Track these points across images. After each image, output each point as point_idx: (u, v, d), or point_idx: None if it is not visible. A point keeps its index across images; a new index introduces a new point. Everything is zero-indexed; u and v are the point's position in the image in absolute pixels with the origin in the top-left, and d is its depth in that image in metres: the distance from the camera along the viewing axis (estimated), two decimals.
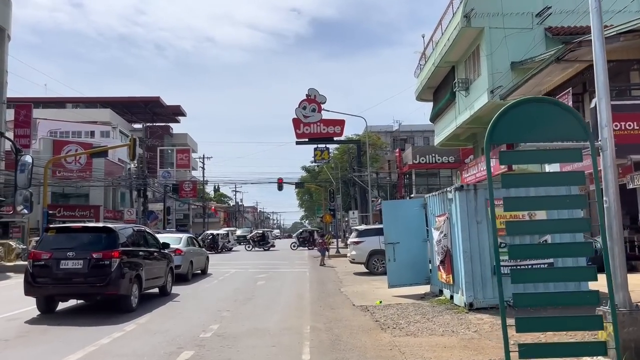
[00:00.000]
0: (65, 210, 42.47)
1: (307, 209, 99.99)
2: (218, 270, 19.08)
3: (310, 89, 42.99)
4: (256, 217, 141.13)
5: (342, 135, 43.55)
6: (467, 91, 24.29)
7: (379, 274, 16.96)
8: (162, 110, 75.54)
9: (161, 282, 11.29)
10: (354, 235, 18.07)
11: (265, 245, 38.75)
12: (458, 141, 30.75)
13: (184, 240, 15.35)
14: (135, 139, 24.49)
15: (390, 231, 11.95)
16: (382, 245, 17.30)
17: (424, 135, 73.26)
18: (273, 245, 39.94)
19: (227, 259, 27.76)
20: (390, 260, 11.89)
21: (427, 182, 46.03)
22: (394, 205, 12.55)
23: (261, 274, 17.55)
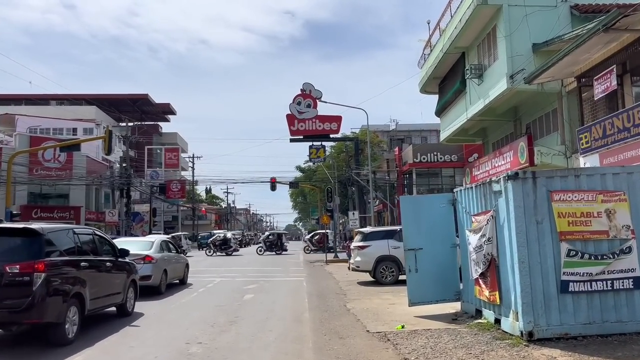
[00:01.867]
0: (43, 212, 39.73)
1: (301, 210, 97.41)
2: (200, 279, 16.53)
3: (305, 84, 40.44)
4: (249, 220, 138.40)
5: (338, 132, 41.13)
6: (480, 78, 21.88)
7: (388, 284, 14.52)
8: (151, 108, 72.90)
9: (118, 299, 8.76)
10: (358, 239, 15.58)
11: (227, 250, 34.70)
12: (466, 136, 28.34)
13: (156, 244, 12.83)
14: (110, 131, 21.92)
15: (411, 234, 9.49)
16: (391, 250, 14.91)
17: (421, 134, 71.05)
18: (236, 249, 35.97)
19: (215, 264, 25.18)
20: (411, 270, 9.41)
21: (428, 182, 43.63)
22: (415, 201, 10.07)
23: (250, 284, 15.02)
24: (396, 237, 15.09)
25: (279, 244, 34.98)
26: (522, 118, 22.91)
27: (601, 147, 13.93)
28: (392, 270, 14.79)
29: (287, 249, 35.77)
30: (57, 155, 40.84)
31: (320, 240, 35.87)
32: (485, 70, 21.60)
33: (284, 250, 35.11)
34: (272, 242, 35.24)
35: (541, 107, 20.59)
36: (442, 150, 43.57)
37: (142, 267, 11.81)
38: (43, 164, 39.75)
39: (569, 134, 18.85)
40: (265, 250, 34.51)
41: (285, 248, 35.76)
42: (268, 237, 36.42)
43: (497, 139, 26.41)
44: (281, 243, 35.06)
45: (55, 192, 41.75)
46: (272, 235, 36.44)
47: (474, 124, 25.91)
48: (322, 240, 35.70)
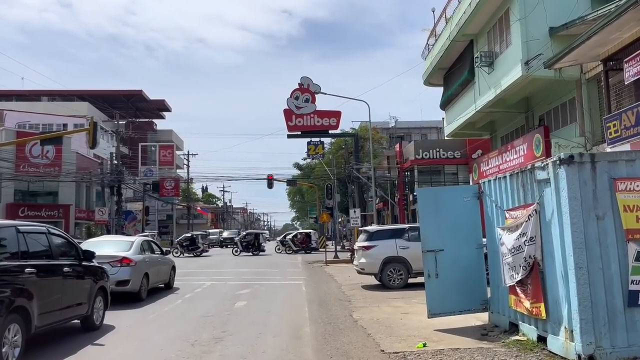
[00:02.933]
0: (30, 210, 38.19)
1: (299, 209, 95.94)
2: (189, 282, 15.07)
3: (303, 78, 38.91)
4: (246, 219, 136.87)
5: (337, 128, 39.63)
6: (491, 67, 20.47)
7: (396, 288, 13.10)
8: (145, 105, 71.40)
9: (82, 310, 7.31)
10: (362, 239, 14.13)
11: (195, 250, 32.62)
12: (473, 130, 26.97)
13: (135, 245, 11.28)
14: (95, 122, 20.44)
15: (430, 233, 8.05)
16: (399, 250, 13.48)
17: (421, 132, 69.73)
18: (206, 250, 33.97)
19: (205, 265, 23.73)
20: (430, 276, 7.98)
21: (430, 180, 42.18)
22: (434, 195, 8.59)
23: (243, 288, 13.56)
24: (404, 236, 13.70)
25: (256, 244, 32.96)
26: (535, 109, 21.52)
27: (634, 136, 12.52)
28: (400, 273, 13.37)
29: (264, 250, 33.83)
30: (45, 152, 39.34)
31: (303, 241, 34.16)
32: (496, 57, 20.18)
33: (262, 250, 33.22)
34: (248, 242, 33.19)
35: (557, 96, 19.20)
36: (445, 146, 42.10)
37: (119, 270, 10.37)
38: (30, 160, 38.20)
39: (589, 124, 17.48)
40: (242, 251, 32.58)
41: (263, 249, 33.77)
42: (245, 237, 34.18)
43: (507, 133, 25.03)
44: (258, 243, 33.08)
45: (44, 189, 40.22)
46: (249, 235, 34.26)
47: (482, 117, 24.53)
48: (304, 241, 34.04)
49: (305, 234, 35.16)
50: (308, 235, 34.81)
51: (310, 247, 33.85)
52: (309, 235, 34.78)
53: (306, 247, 33.78)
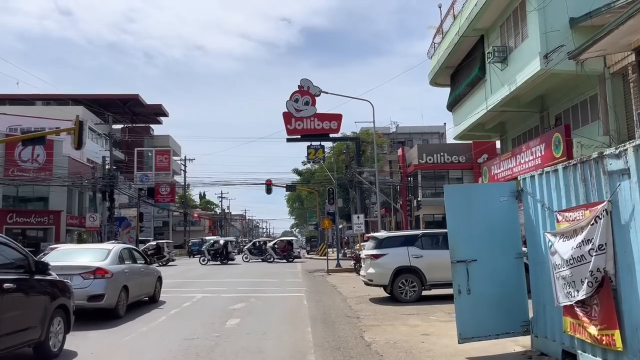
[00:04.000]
0: (19, 216, 36.75)
1: (298, 216, 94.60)
2: (178, 295, 13.65)
3: (303, 80, 37.62)
4: (244, 226, 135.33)
5: (338, 131, 38.22)
6: (504, 62, 19.16)
7: (409, 301, 11.70)
8: (142, 109, 70.08)
9: (33, 335, 5.90)
10: (370, 246, 12.72)
11: (161, 259, 31.03)
12: (483, 131, 25.59)
13: (112, 253, 9.83)
14: (81, 121, 19.08)
15: (461, 240, 6.68)
16: (412, 260, 12.07)
17: (422, 137, 68.50)
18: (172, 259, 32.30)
19: (202, 275, 22.30)
20: (461, 292, 6.59)
21: (434, 185, 40.86)
22: (465, 193, 7.15)
23: (237, 301, 12.13)
24: (417, 244, 12.31)
25: (224, 253, 31.38)
26: (551, 108, 20.19)
27: None
28: (413, 285, 11.97)
29: (234, 259, 32.08)
30: (36, 156, 37.97)
31: (284, 249, 32.51)
32: (510, 52, 18.87)
33: (231, 259, 31.56)
34: (216, 250, 31.60)
35: (576, 93, 17.87)
36: (449, 150, 40.90)
37: (92, 283, 8.95)
38: (19, 164, 36.80)
39: (614, 122, 16.14)
40: (210, 260, 30.98)
41: (232, 257, 32.04)
42: (212, 245, 32.47)
43: (519, 134, 23.69)
44: (227, 252, 31.47)
45: (34, 195, 38.78)
46: (217, 244, 32.51)
47: (492, 117, 23.20)
48: (285, 249, 32.43)
49: (287, 242, 33.49)
50: (290, 243, 33.16)
51: (291, 255, 32.13)
52: (291, 243, 33.14)
53: (287, 255, 32.07)
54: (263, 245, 34.61)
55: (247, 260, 32.45)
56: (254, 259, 33.19)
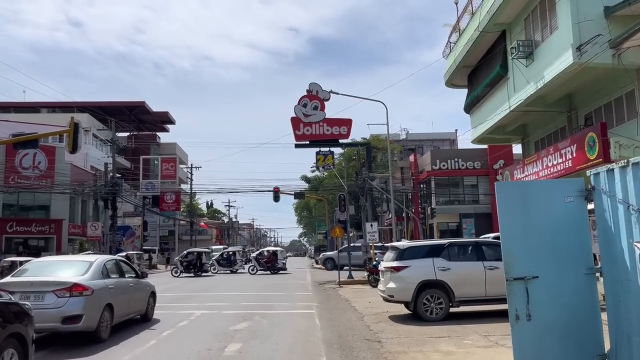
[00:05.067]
0: (19, 225, 35.62)
1: (306, 225, 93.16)
2: (175, 311, 12.28)
3: (311, 84, 36.49)
4: (252, 235, 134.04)
5: (348, 137, 37.04)
6: (529, 58, 17.77)
7: (435, 320, 10.27)
8: (148, 117, 69.25)
9: None
10: (391, 258, 11.30)
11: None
12: (503, 134, 24.15)
13: (94, 267, 8.42)
14: (76, 123, 17.87)
15: (517, 250, 5.30)
16: (438, 273, 10.62)
17: (433, 144, 67.06)
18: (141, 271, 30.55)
19: (203, 287, 20.96)
20: (519, 318, 5.19)
21: (448, 192, 39.34)
22: (521, 191, 5.68)
23: (240, 320, 10.73)
24: (444, 254, 10.88)
25: (198, 264, 29.72)
26: (580, 107, 18.76)
27: None
28: (439, 301, 10.52)
29: (207, 270, 30.35)
30: (37, 163, 36.95)
31: (269, 259, 30.80)
32: (536, 47, 17.48)
33: (205, 271, 29.91)
34: (190, 262, 29.90)
35: (610, 90, 16.44)
36: (464, 156, 39.42)
37: (67, 302, 7.61)
38: (20, 171, 35.77)
39: None
40: (182, 271, 29.34)
41: (206, 269, 30.29)
42: (186, 256, 30.63)
43: (542, 137, 22.24)
44: (201, 264, 29.82)
45: (35, 203, 37.70)
46: (191, 254, 30.70)
47: (514, 119, 21.78)
48: (270, 259, 30.67)
49: (272, 252, 31.67)
50: (274, 253, 31.34)
51: (276, 267, 30.38)
52: (275, 253, 31.33)
53: (272, 266, 30.37)
54: (232, 255, 32.97)
55: (215, 271, 30.75)
56: (222, 270, 31.60)
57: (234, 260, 32.35)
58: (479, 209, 38.21)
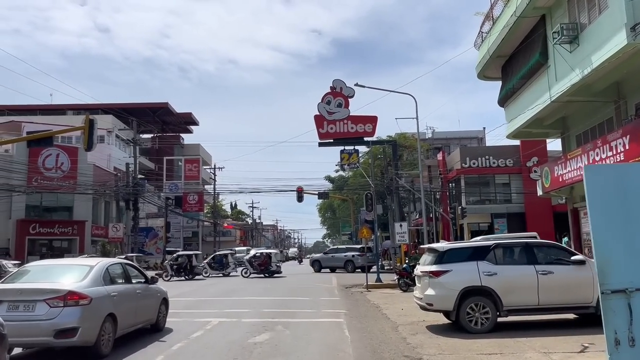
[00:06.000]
0: (42, 227, 35.36)
1: (330, 226, 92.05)
2: (190, 319, 11.27)
3: (335, 81, 35.53)
4: (276, 236, 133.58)
5: (373, 134, 35.90)
6: (574, 42, 16.29)
7: (481, 332, 9.04)
8: (172, 118, 69.16)
9: None
10: (428, 261, 10.08)
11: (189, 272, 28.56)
12: (540, 128, 22.60)
13: (94, 272, 7.46)
14: (91, 120, 17.15)
15: (616, 254, 4.03)
16: (483, 278, 9.35)
17: (460, 142, 65.27)
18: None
19: (222, 292, 20.01)
20: (619, 343, 3.94)
21: (479, 191, 37.73)
22: (619, 175, 4.41)
23: (261, 331, 9.65)
24: (490, 257, 9.63)
25: (188, 268, 28.49)
26: (629, 96, 17.18)
27: None
28: (485, 310, 9.28)
29: (200, 273, 29.09)
30: (60, 164, 36.68)
31: (263, 262, 29.39)
32: (582, 30, 16.00)
33: (196, 274, 28.63)
34: (180, 265, 28.69)
35: None
36: (495, 153, 37.73)
37: (61, 313, 6.64)
38: (43, 173, 35.50)
39: None
40: (172, 275, 28.15)
41: (197, 272, 28.95)
42: (176, 259, 29.39)
43: (585, 130, 20.64)
44: (191, 266, 28.53)
45: (58, 204, 37.45)
46: (181, 257, 29.44)
47: (554, 111, 20.25)
48: (264, 262, 29.26)
49: (266, 255, 30.20)
50: (269, 256, 29.87)
51: (269, 269, 29.12)
52: (270, 256, 29.87)
53: (265, 269, 29.08)
54: (224, 258, 31.84)
55: (207, 275, 29.59)
56: (215, 273, 30.49)
57: (226, 263, 31.22)
58: (511, 208, 36.54)
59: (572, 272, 9.50)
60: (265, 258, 29.40)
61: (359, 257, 33.80)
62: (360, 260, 34.03)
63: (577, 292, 9.39)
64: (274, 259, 29.54)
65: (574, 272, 9.48)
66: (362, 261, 34.28)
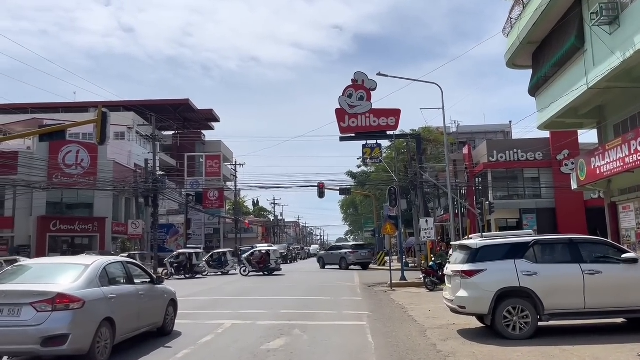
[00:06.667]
0: (62, 224, 35.26)
1: (353, 223, 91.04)
2: (201, 322, 10.55)
3: (357, 73, 34.47)
4: (298, 233, 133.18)
5: (397, 128, 34.70)
6: (614, 23, 15.09)
7: (520, 338, 8.12)
8: (193, 115, 69.09)
9: None
10: (460, 259, 9.15)
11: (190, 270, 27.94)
12: (575, 117, 21.31)
13: (90, 272, 6.74)
14: (104, 112, 16.60)
15: None
16: (522, 278, 8.38)
17: (486, 136, 63.76)
18: None
19: (240, 290, 19.36)
20: None
21: (507, 186, 36.40)
22: None
23: (276, 335, 8.88)
24: (529, 254, 8.69)
25: (188, 266, 27.72)
26: None
27: None
28: (524, 314, 8.33)
29: (201, 272, 28.22)
30: (80, 160, 36.53)
31: (261, 260, 28.47)
32: (623, 9, 14.80)
33: (196, 273, 27.83)
34: (180, 263, 27.98)
35: None
36: (523, 146, 36.33)
37: (49, 318, 5.95)
38: (63, 169, 35.38)
39: None
40: (173, 273, 27.43)
41: (197, 270, 28.12)
42: (178, 256, 28.70)
43: (625, 118, 19.34)
44: (191, 265, 27.78)
45: (78, 201, 37.34)
46: (182, 255, 28.70)
47: (590, 99, 18.98)
48: (262, 260, 28.39)
49: (265, 253, 29.27)
50: (267, 253, 28.96)
51: (268, 267, 28.30)
52: (268, 253, 28.97)
53: (264, 267, 28.24)
54: (223, 256, 31.03)
55: (205, 273, 28.76)
56: (213, 271, 29.72)
57: (225, 262, 30.47)
58: (541, 203, 35.18)
59: (622, 271, 8.49)
60: (264, 256, 28.70)
61: (351, 254, 34.54)
62: (352, 257, 34.63)
63: (629, 294, 8.39)
64: (272, 256, 28.80)
65: (625, 272, 8.47)
66: (354, 258, 34.82)
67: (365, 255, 35.49)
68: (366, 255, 35.68)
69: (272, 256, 28.69)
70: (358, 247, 36.68)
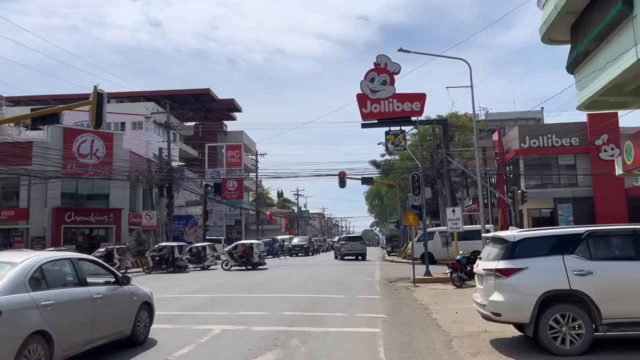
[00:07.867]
0: (77, 215, 34.48)
1: (378, 214, 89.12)
2: (188, 327, 9.11)
3: (379, 56, 32.64)
4: (323, 224, 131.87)
5: (422, 114, 32.80)
6: None
7: (570, 354, 6.48)
8: (214, 105, 68.07)
9: None
10: (494, 254, 7.47)
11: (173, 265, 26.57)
12: (620, 95, 19.05)
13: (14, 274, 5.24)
14: (99, 93, 15.28)
15: None
16: (572, 278, 6.57)
17: (517, 123, 61.08)
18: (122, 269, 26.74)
19: (249, 286, 18.01)
20: None
21: (540, 174, 34.19)
22: None
23: (269, 346, 7.36)
24: (581, 249, 6.96)
25: (170, 260, 26.25)
26: None
27: None
28: (576, 323, 6.63)
29: (184, 266, 26.62)
30: (95, 150, 35.71)
31: (244, 253, 27.10)
32: None
33: (178, 267, 26.17)
34: (162, 257, 26.47)
35: None
36: (558, 131, 34.01)
37: None
38: (78, 159, 34.58)
39: None
40: (152, 268, 25.97)
41: (179, 264, 26.44)
42: (160, 249, 27.14)
43: None
44: (174, 259, 26.27)
45: (93, 192, 36.55)
46: (165, 248, 27.12)
47: (636, 75, 16.90)
48: (245, 254, 27.06)
49: (248, 246, 27.80)
50: (250, 247, 27.38)
51: (251, 261, 26.86)
52: (252, 247, 27.37)
53: (247, 261, 26.80)
54: (202, 251, 29.58)
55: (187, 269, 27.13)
56: (192, 266, 28.16)
57: (204, 256, 29.11)
58: (577, 192, 32.89)
59: None
60: (247, 249, 27.39)
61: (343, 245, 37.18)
62: (343, 249, 36.84)
63: None
64: (255, 250, 27.36)
65: None
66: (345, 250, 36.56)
67: (357, 246, 36.93)
68: (358, 246, 36.92)
69: (255, 249, 27.33)
70: (350, 239, 39.60)
